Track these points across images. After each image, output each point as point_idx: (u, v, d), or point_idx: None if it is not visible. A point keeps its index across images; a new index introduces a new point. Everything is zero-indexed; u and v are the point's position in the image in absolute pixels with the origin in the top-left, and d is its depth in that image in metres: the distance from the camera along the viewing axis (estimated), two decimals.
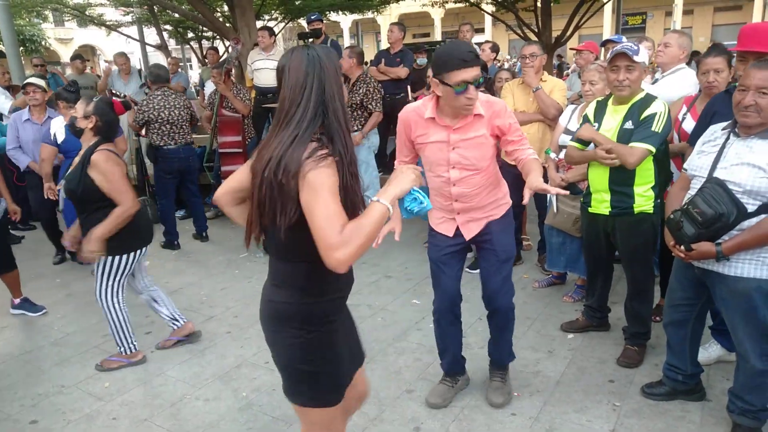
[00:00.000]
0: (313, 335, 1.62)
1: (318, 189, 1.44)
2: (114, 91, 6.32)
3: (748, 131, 2.17)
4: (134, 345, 3.23)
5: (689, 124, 3.01)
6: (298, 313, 1.61)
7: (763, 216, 2.11)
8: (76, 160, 3.02)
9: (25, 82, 5.03)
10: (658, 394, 2.68)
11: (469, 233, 2.54)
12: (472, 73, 2.13)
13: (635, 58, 2.63)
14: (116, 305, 3.12)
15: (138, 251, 3.11)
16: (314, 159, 1.46)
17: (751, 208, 2.12)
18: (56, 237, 5.02)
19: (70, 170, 3.05)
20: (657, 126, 2.63)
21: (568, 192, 2.39)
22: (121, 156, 3.10)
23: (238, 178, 1.74)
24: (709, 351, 2.95)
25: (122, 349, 3.21)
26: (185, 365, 3.22)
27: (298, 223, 1.49)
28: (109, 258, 3.01)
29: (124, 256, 3.05)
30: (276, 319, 1.64)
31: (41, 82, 4.89)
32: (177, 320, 3.40)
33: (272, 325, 1.66)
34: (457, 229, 2.55)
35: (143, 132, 5.33)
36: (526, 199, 2.13)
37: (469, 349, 3.23)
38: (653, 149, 2.63)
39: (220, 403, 2.85)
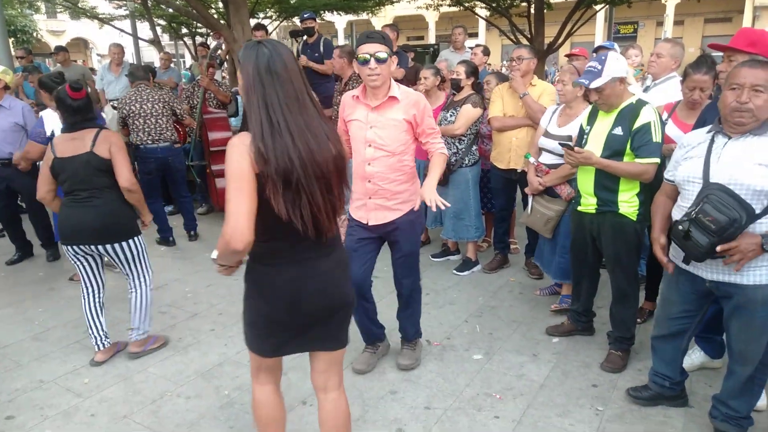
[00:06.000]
0: None
1: None
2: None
3: (741, 130, 2.11)
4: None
5: (671, 130, 3.05)
6: None
7: None
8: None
9: None
10: (643, 398, 2.68)
11: (376, 220, 2.73)
12: (373, 48, 2.49)
13: (591, 86, 2.77)
14: None
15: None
16: None
17: (757, 210, 2.06)
18: (19, 234, 4.87)
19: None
20: (656, 136, 2.68)
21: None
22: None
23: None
24: (692, 357, 2.96)
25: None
26: (167, 362, 3.19)
27: None
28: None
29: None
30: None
31: None
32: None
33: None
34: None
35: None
36: (416, 206, 2.54)
37: (454, 350, 3.24)
38: (659, 160, 2.69)
39: (202, 401, 2.82)
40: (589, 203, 2.94)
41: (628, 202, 2.80)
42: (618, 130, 2.76)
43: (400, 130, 2.62)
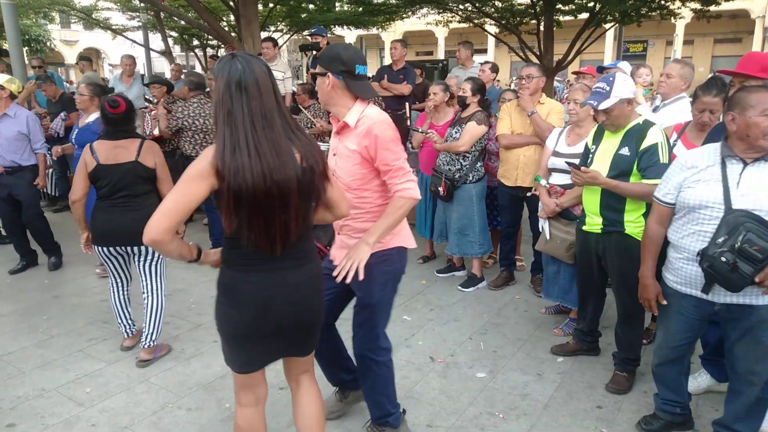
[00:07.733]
0: None
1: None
2: None
3: (762, 153, 2.11)
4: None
5: (680, 151, 3.03)
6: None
7: None
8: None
9: None
10: (655, 430, 2.61)
11: (339, 258, 2.28)
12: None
13: (600, 107, 2.76)
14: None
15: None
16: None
17: None
18: (23, 243, 4.86)
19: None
20: (663, 157, 2.67)
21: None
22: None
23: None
24: (699, 380, 2.92)
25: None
26: (169, 373, 3.18)
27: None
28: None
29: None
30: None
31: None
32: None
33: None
34: None
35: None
36: (339, 276, 2.10)
37: (458, 368, 3.21)
38: None
39: (203, 413, 2.81)
40: (594, 223, 2.93)
41: (634, 222, 2.79)
42: (625, 151, 2.76)
43: (353, 162, 2.18)
